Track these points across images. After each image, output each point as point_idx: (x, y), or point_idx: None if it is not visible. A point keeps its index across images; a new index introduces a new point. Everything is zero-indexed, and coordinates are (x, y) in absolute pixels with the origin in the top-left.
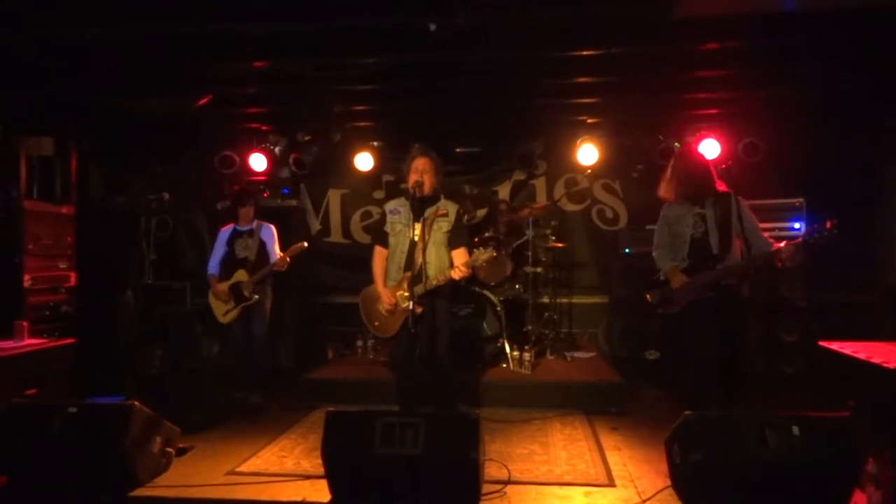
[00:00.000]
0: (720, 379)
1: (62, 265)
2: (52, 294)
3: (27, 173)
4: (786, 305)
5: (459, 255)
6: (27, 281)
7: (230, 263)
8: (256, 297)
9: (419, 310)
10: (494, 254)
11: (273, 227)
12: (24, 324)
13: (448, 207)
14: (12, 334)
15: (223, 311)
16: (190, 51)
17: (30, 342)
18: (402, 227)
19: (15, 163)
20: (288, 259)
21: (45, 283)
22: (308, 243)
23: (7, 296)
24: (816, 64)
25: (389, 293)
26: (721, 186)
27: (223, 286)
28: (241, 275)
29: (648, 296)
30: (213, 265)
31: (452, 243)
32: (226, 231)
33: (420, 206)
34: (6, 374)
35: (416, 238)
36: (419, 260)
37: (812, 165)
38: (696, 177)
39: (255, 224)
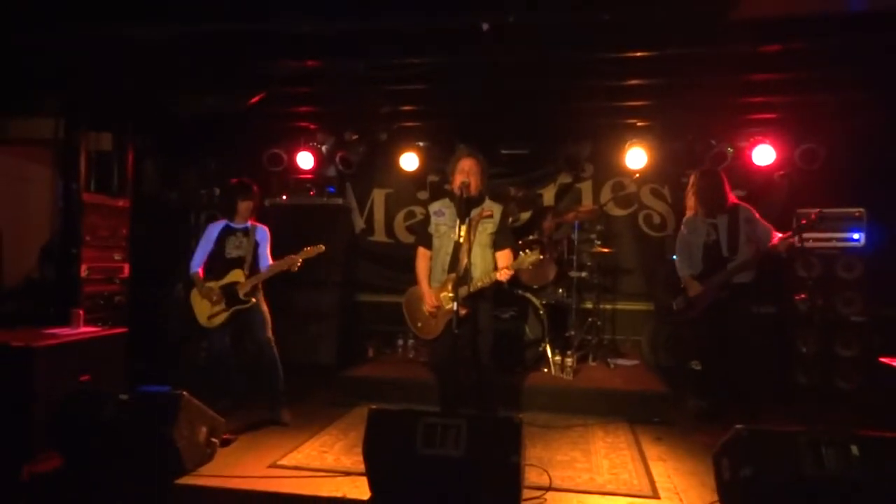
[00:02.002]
0: (741, 379)
1: (117, 257)
2: (106, 284)
3: (86, 167)
4: (843, 320)
5: (504, 257)
6: (84, 271)
7: (219, 263)
8: (253, 300)
9: (463, 311)
10: (541, 256)
11: (267, 230)
12: (80, 312)
13: (493, 209)
14: (69, 321)
15: (209, 314)
16: (245, 49)
17: (85, 330)
18: (447, 228)
19: (75, 157)
20: (300, 262)
21: (100, 274)
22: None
23: (65, 284)
24: (883, 67)
25: (433, 294)
26: (733, 199)
27: (214, 285)
28: (237, 275)
29: (673, 304)
30: (197, 263)
31: (497, 245)
32: (215, 227)
33: (465, 208)
34: (63, 360)
35: (461, 239)
36: (464, 261)
37: (874, 174)
38: (711, 195)
39: (249, 224)
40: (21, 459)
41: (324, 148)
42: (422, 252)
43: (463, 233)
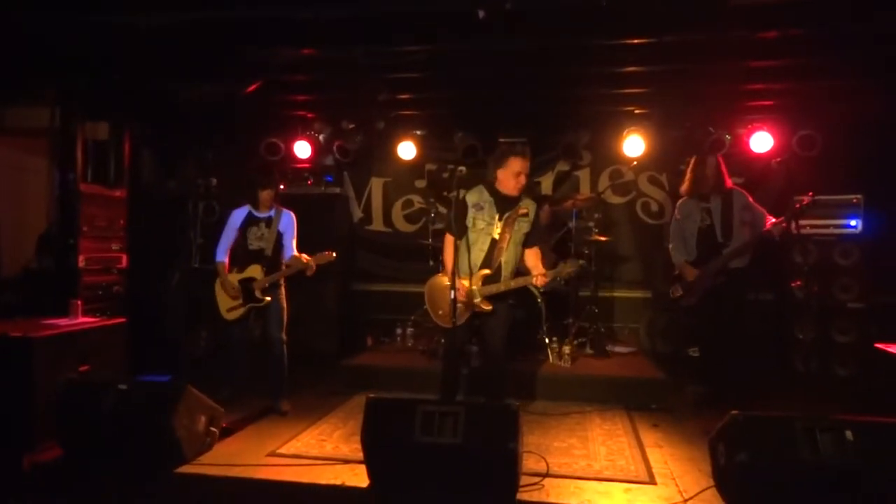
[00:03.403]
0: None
1: (114, 247)
2: (104, 275)
3: (83, 157)
4: (840, 306)
5: (534, 255)
6: (81, 261)
7: (242, 254)
8: (268, 299)
9: (489, 307)
10: (581, 263)
11: (293, 216)
12: (79, 302)
13: (528, 207)
14: (68, 312)
15: (228, 307)
16: (241, 37)
17: (84, 320)
18: (485, 224)
19: (72, 147)
20: (314, 266)
21: (98, 264)
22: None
23: (63, 275)
24: (879, 53)
25: (463, 285)
26: (728, 183)
27: (234, 278)
28: (255, 270)
29: (671, 290)
30: (222, 251)
31: (530, 242)
32: (239, 213)
33: (504, 205)
34: (62, 350)
35: (498, 237)
36: (499, 259)
37: (872, 160)
38: (708, 177)
39: (273, 211)
40: (22, 449)
41: (321, 137)
42: (450, 240)
43: (499, 230)
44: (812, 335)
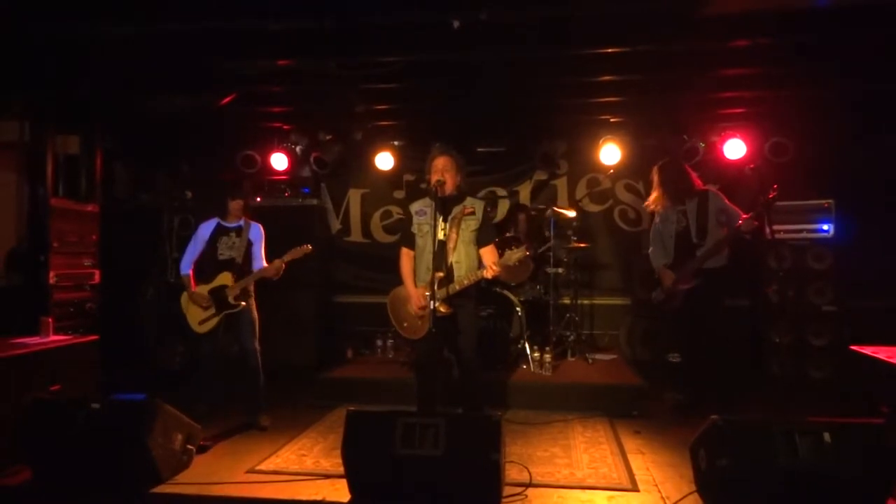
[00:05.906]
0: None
1: (87, 262)
2: (76, 291)
3: (53, 171)
4: (815, 310)
5: (488, 253)
6: (52, 278)
7: (211, 264)
8: (243, 304)
9: (448, 311)
10: (527, 253)
11: (262, 228)
12: (50, 320)
13: (475, 205)
14: (38, 330)
15: (200, 319)
16: (214, 49)
17: (55, 338)
18: (429, 227)
19: (42, 161)
20: (283, 266)
21: (69, 281)
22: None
23: (33, 292)
24: (850, 61)
25: (420, 294)
26: (699, 185)
27: (203, 289)
28: (225, 278)
29: (653, 295)
30: (187, 264)
31: (481, 241)
32: (208, 226)
33: (445, 206)
34: (32, 370)
35: (444, 238)
36: (449, 260)
37: (843, 166)
38: (676, 184)
39: (242, 222)
40: None
41: (298, 149)
42: (405, 252)
43: (445, 231)
44: (787, 339)
